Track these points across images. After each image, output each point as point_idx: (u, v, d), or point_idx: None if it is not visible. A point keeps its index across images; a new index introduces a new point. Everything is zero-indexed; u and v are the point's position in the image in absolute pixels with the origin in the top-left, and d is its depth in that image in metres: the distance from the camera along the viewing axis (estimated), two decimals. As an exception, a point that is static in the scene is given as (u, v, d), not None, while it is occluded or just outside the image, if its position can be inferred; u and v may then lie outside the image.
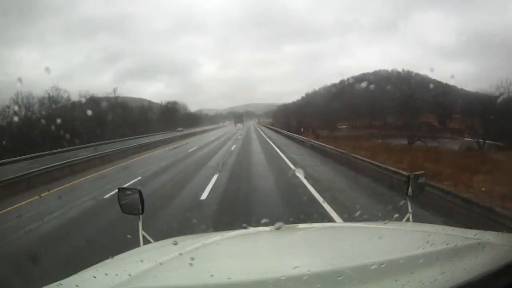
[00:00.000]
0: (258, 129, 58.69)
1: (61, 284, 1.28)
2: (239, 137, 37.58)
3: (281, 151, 19.56)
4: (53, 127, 29.47)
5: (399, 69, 51.95)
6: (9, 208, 9.73)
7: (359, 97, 46.91)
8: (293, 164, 14.27)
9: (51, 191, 11.61)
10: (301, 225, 2.09)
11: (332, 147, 16.06)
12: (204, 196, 8.85)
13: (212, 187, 9.89)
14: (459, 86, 41.08)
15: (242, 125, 72.46)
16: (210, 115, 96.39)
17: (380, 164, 9.91)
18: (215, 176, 11.69)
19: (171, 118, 66.11)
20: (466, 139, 31.31)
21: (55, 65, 76.00)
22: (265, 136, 36.51)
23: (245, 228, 1.83)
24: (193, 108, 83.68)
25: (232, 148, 23.57)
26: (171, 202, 8.50)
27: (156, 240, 2.02)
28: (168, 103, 71.21)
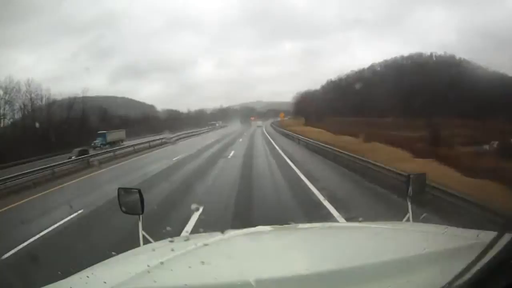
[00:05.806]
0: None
1: (60, 283, 1.28)
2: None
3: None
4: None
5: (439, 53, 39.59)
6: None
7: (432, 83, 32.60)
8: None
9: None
10: (301, 225, 2.08)
11: None
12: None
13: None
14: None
15: (261, 123, 55.52)
16: (182, 117, 62.10)
17: None
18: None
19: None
20: None
21: (47, 67, 75.22)
22: None
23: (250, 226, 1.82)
24: (191, 108, 72.05)
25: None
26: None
27: (156, 240, 2.02)
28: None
